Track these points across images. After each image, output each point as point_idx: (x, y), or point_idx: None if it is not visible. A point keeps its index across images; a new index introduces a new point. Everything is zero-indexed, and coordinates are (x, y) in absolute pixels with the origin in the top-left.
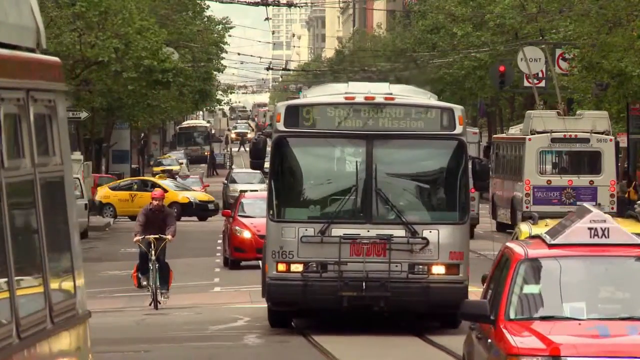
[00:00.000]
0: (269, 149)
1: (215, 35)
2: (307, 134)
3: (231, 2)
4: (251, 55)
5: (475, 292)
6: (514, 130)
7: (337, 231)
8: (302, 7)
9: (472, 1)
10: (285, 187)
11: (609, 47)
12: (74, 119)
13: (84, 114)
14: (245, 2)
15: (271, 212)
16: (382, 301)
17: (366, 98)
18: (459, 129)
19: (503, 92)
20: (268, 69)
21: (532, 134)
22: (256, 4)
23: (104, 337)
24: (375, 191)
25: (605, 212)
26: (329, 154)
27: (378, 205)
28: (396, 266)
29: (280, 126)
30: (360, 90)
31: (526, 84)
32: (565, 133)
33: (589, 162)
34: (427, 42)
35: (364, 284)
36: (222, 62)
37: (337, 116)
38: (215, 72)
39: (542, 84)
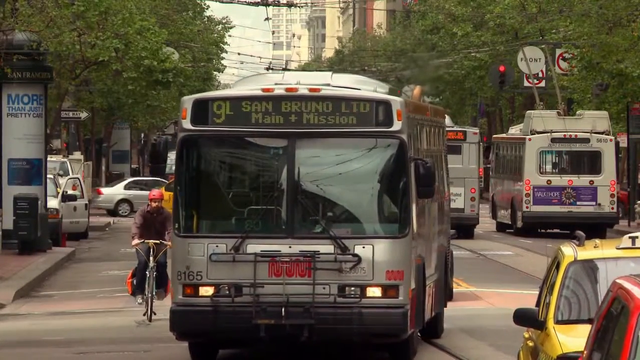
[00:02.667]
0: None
1: (215, 35)
2: (218, 133)
3: (231, 2)
4: (251, 55)
5: (475, 291)
6: (514, 130)
7: (253, 247)
8: (302, 7)
9: (472, 1)
10: (193, 196)
11: (609, 47)
12: (74, 118)
13: (84, 114)
14: (245, 2)
15: (177, 225)
16: (306, 330)
17: (287, 90)
18: (397, 125)
19: (503, 92)
20: (268, 69)
21: (532, 134)
22: (256, 4)
23: (104, 337)
24: (297, 200)
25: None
26: (243, 156)
27: (301, 216)
28: (323, 288)
29: (187, 124)
30: (291, 81)
31: (526, 84)
32: (565, 133)
33: (589, 162)
34: (427, 43)
35: (283, 309)
36: (222, 62)
37: (254, 112)
38: (215, 72)
39: (542, 84)
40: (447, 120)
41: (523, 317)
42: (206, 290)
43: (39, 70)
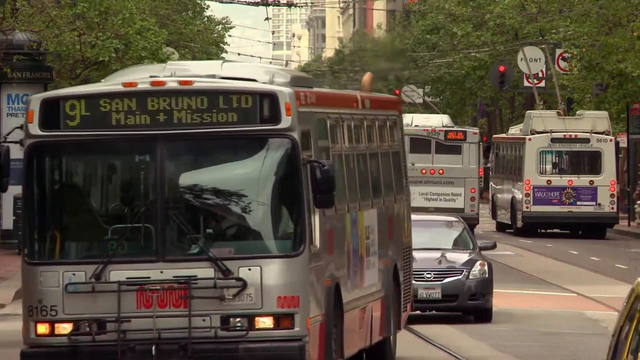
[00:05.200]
0: None
1: (215, 35)
2: (71, 138)
3: (231, 2)
4: (251, 56)
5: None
6: (514, 130)
7: (118, 274)
8: (302, 7)
9: (472, 1)
10: (44, 215)
11: (609, 47)
12: None
13: None
14: (245, 2)
15: (26, 251)
16: None
17: (153, 84)
18: (286, 122)
19: (503, 92)
20: None
21: (532, 134)
22: (256, 4)
23: None
24: (169, 215)
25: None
26: (103, 166)
27: (174, 234)
28: (202, 321)
29: (34, 129)
30: (171, 72)
31: (526, 84)
32: (565, 133)
33: (589, 162)
34: (427, 43)
35: (154, 348)
36: None
37: (114, 111)
38: None
39: (542, 84)
40: (447, 120)
41: None
42: (63, 328)
43: (39, 70)
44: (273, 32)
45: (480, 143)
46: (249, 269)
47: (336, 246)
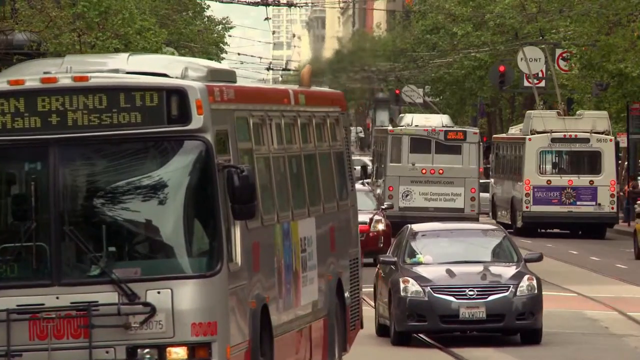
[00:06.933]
0: None
1: (215, 35)
2: None
3: (231, 2)
4: (251, 56)
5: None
6: (514, 130)
7: (7, 301)
8: (302, 7)
9: (472, 1)
10: None
11: (609, 47)
12: None
13: None
14: (245, 2)
15: None
16: None
17: (43, 81)
18: (197, 122)
19: (503, 92)
20: (268, 69)
21: (532, 134)
22: (256, 4)
23: None
24: (65, 232)
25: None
26: None
27: (71, 254)
28: (106, 352)
29: None
30: (62, 68)
31: (526, 84)
32: (565, 133)
33: (589, 162)
34: (427, 43)
35: None
36: (222, 62)
37: (1, 113)
38: None
39: (542, 84)
40: (447, 120)
41: None
42: None
43: None
44: (273, 32)
45: (480, 143)
46: (158, 292)
47: (263, 262)
